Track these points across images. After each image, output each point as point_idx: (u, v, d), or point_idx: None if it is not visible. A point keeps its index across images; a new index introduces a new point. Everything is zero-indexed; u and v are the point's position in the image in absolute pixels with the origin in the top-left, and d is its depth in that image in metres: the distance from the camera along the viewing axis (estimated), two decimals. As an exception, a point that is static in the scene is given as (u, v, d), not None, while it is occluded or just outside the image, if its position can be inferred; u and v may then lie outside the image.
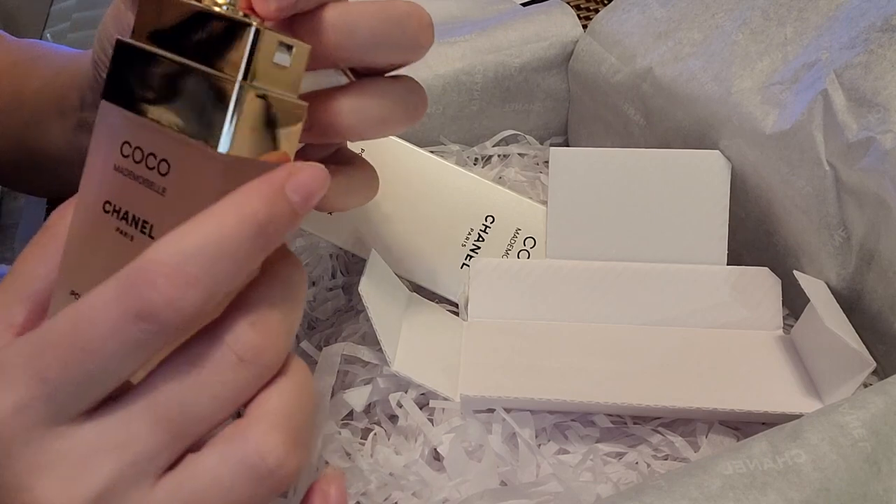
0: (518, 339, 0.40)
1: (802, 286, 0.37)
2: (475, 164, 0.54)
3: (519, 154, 0.54)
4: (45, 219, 0.53)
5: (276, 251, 0.24)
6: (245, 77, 0.23)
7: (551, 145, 0.54)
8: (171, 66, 0.23)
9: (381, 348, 0.35)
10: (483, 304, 0.42)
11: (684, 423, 0.36)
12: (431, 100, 0.51)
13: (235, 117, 0.22)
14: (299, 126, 0.25)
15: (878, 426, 0.28)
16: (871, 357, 0.33)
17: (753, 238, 0.43)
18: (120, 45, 0.24)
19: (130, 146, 0.24)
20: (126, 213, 0.24)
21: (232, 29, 0.23)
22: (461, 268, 0.42)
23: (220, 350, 0.23)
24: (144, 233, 0.24)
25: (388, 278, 0.39)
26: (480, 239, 0.42)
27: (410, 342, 0.37)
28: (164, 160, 0.23)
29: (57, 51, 0.46)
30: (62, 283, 0.25)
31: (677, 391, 0.36)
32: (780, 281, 0.40)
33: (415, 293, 0.41)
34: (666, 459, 0.35)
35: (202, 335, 0.23)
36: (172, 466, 0.23)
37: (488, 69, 0.51)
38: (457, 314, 0.42)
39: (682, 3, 0.47)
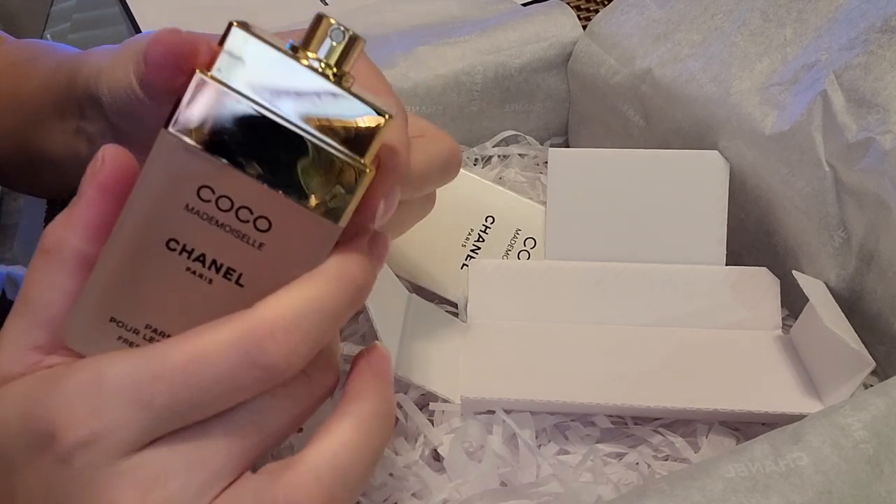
0: (518, 340, 0.40)
1: (801, 286, 0.37)
2: (475, 165, 0.54)
3: (519, 154, 0.54)
4: (44, 219, 0.53)
5: None
6: (364, 159, 0.24)
7: (551, 146, 0.54)
8: (293, 132, 0.23)
9: (381, 349, 0.35)
10: (483, 305, 0.42)
11: (684, 424, 0.36)
12: (431, 100, 0.51)
13: (357, 198, 0.24)
14: None
15: (879, 428, 0.28)
16: (870, 356, 0.33)
17: (753, 239, 0.43)
18: (206, 85, 0.23)
19: (213, 192, 0.23)
20: (202, 255, 0.24)
21: (363, 112, 0.24)
22: (461, 268, 0.42)
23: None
24: (229, 279, 0.24)
25: (388, 279, 0.39)
26: (480, 239, 0.42)
27: (410, 344, 0.37)
28: (263, 217, 0.24)
29: (55, 50, 0.46)
30: (97, 308, 0.25)
31: (677, 392, 0.36)
32: (778, 281, 0.40)
33: (415, 294, 0.41)
34: (666, 460, 0.35)
35: None
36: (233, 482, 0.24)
37: (488, 69, 0.51)
38: (457, 315, 0.42)
39: (680, 4, 0.47)
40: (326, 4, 0.68)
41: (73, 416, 0.23)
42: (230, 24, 0.23)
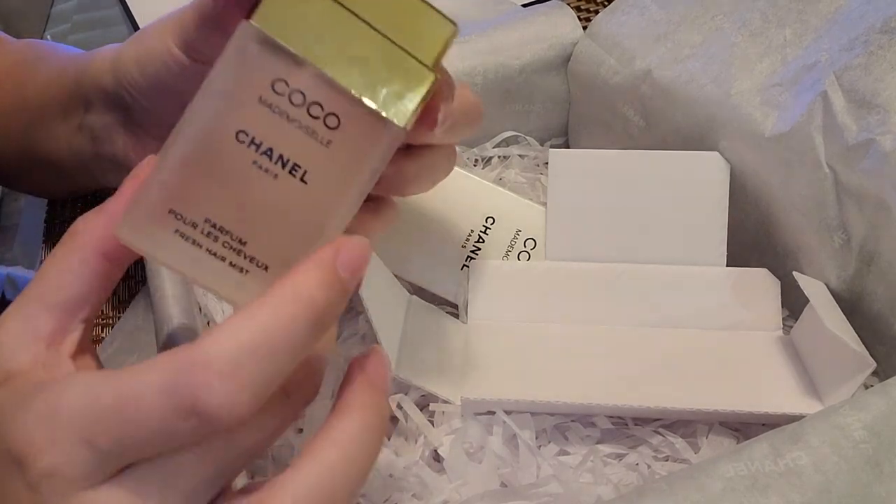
0: (518, 341, 0.40)
1: (802, 287, 0.37)
2: (475, 166, 0.54)
3: (519, 155, 0.53)
4: (45, 219, 0.53)
5: None
6: (433, 65, 0.25)
7: (551, 146, 0.54)
8: (368, 32, 0.24)
9: (381, 350, 0.35)
10: (483, 306, 0.42)
11: (685, 425, 0.36)
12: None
13: (422, 103, 0.25)
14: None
15: (879, 428, 0.28)
16: (870, 357, 0.33)
17: (753, 240, 0.43)
18: None
19: (287, 86, 0.24)
20: (269, 150, 0.24)
21: (433, 20, 0.25)
22: (461, 269, 0.42)
23: None
24: (294, 175, 0.24)
25: (388, 280, 0.39)
26: (481, 240, 0.42)
27: (411, 345, 0.37)
28: (333, 114, 0.24)
29: (58, 51, 0.46)
30: (156, 198, 0.24)
31: (678, 392, 0.36)
32: (778, 282, 0.40)
33: (415, 295, 0.41)
34: (666, 461, 0.35)
35: None
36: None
37: (488, 70, 0.51)
38: (457, 316, 0.42)
39: (681, 5, 0.47)
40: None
41: (34, 445, 0.22)
42: None
